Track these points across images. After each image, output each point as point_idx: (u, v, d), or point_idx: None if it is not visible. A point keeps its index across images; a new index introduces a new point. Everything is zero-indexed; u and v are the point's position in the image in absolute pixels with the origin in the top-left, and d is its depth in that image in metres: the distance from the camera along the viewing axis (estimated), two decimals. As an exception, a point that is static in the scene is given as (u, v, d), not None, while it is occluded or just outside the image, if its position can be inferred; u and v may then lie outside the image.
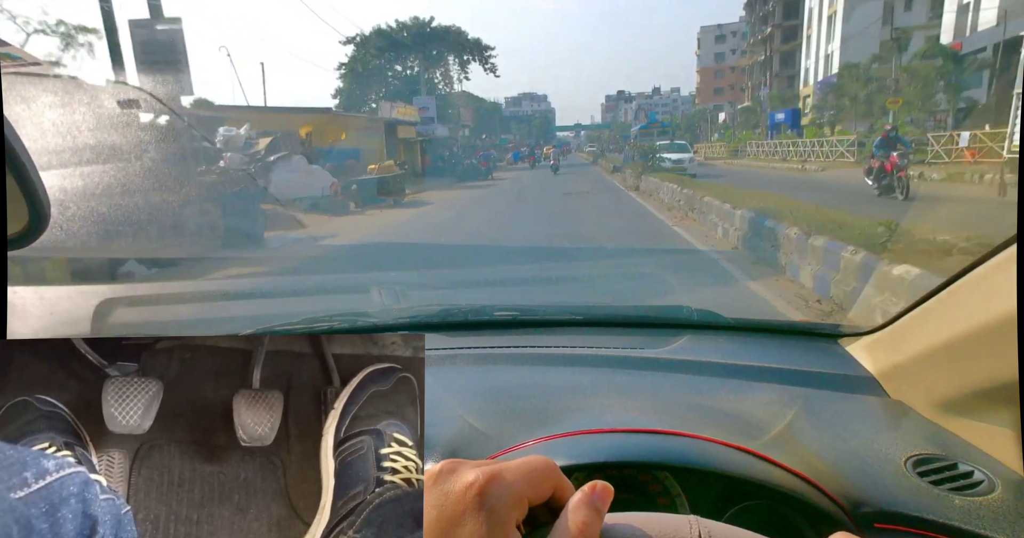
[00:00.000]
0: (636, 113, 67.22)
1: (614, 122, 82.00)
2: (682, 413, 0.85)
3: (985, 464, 0.72)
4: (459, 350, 1.15)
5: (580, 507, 0.37)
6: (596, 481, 0.39)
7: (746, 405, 0.88)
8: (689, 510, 0.70)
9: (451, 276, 5.98)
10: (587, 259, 6.79)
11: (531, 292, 4.65)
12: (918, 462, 0.73)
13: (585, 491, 0.38)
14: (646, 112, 61.71)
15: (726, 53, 69.40)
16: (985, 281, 0.76)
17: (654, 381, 1.02)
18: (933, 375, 0.87)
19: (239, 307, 4.37)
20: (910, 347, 0.93)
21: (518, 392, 0.93)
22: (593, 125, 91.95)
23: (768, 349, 1.21)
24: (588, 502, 0.37)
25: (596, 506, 0.37)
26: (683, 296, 3.66)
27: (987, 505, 0.65)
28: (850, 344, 1.13)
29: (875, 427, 0.85)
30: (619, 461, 0.70)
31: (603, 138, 45.12)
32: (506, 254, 7.49)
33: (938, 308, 0.87)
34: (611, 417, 0.82)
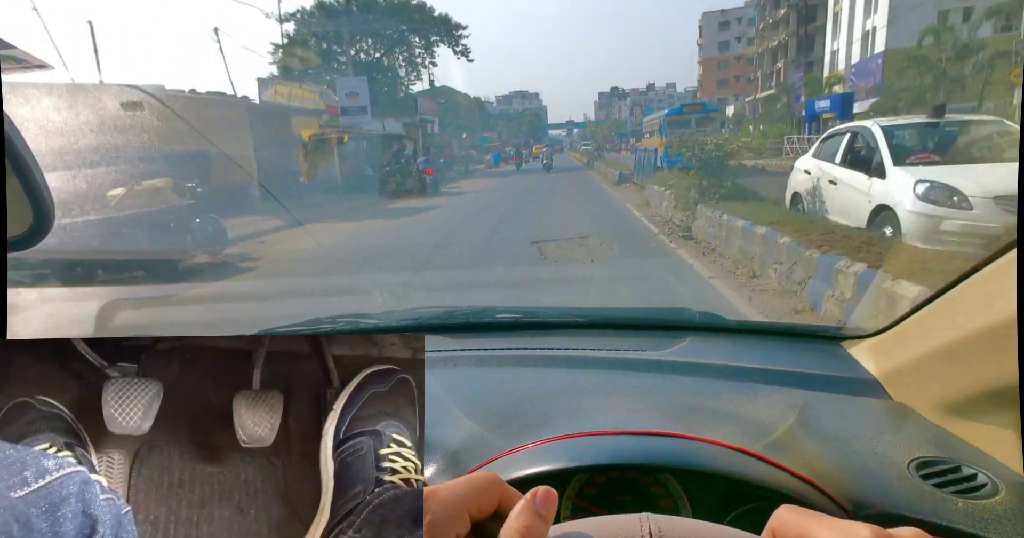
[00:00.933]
0: (631, 109, 63.94)
1: (607, 119, 78.93)
2: (684, 415, 0.85)
3: (988, 467, 0.72)
4: (461, 352, 1.15)
5: (521, 512, 0.38)
6: (539, 487, 0.39)
7: (748, 407, 0.88)
8: (691, 512, 0.70)
9: (453, 277, 5.98)
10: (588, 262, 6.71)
11: (532, 294, 4.65)
12: (921, 465, 0.72)
13: (527, 498, 0.39)
14: (642, 108, 58.40)
15: (731, 42, 65.38)
16: (987, 284, 0.76)
17: (656, 383, 1.02)
18: (936, 377, 0.86)
19: (239, 309, 4.38)
20: (913, 349, 0.92)
21: (519, 394, 0.93)
22: (587, 122, 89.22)
23: (771, 351, 1.21)
24: (529, 507, 0.38)
25: (538, 511, 0.38)
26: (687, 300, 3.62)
27: (990, 508, 0.65)
28: (853, 346, 1.13)
29: (878, 429, 0.85)
30: (621, 463, 0.70)
31: (599, 135, 41.69)
32: (507, 256, 7.47)
33: (940, 311, 0.87)
34: (613, 419, 0.82)
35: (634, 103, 69.72)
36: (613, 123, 67.22)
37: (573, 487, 0.73)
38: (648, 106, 65.30)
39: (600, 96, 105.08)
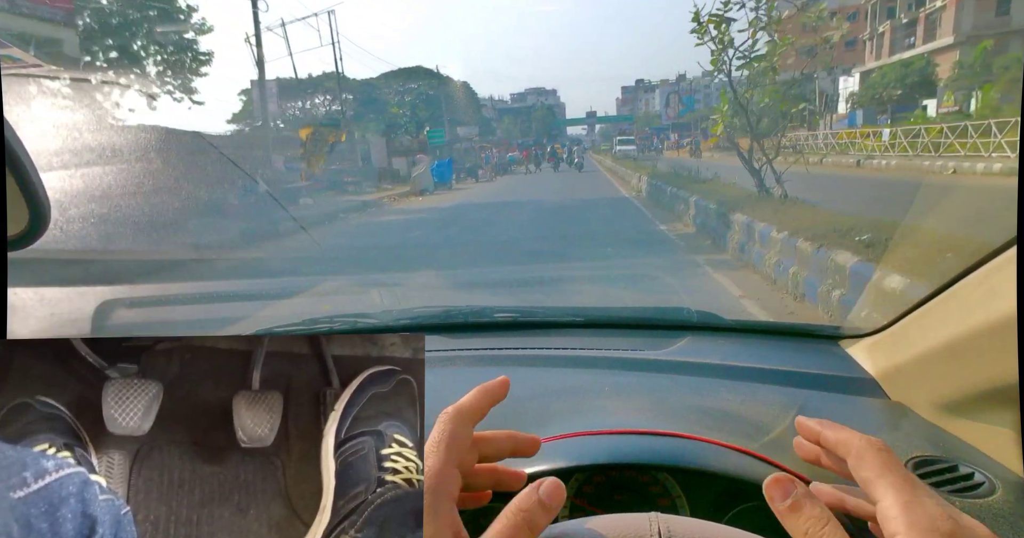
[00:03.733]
0: (668, 99, 46.36)
1: (636, 114, 65.58)
2: (682, 414, 0.85)
3: (986, 466, 0.72)
4: (459, 351, 1.15)
5: (526, 498, 0.40)
6: (548, 478, 0.41)
7: (746, 407, 0.88)
8: (689, 512, 0.70)
9: (452, 277, 5.98)
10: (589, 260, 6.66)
11: (531, 293, 4.64)
12: (918, 464, 0.72)
13: (534, 485, 0.41)
14: (680, 97, 45.32)
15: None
16: (985, 282, 0.76)
17: (654, 382, 1.02)
18: (934, 377, 0.87)
19: (239, 308, 4.38)
20: (910, 349, 0.93)
21: (518, 393, 0.93)
22: (615, 116, 71.82)
23: (769, 351, 1.21)
24: (533, 495, 0.40)
25: (541, 499, 0.39)
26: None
27: (988, 507, 0.65)
28: (850, 346, 1.13)
29: (875, 429, 0.85)
30: (619, 462, 0.70)
31: (652, 127, 32.48)
32: (507, 255, 7.45)
33: (938, 309, 0.87)
34: (611, 418, 0.82)
35: (672, 92, 53.55)
36: (643, 118, 56.72)
37: (572, 486, 0.73)
38: (689, 94, 50.53)
39: (623, 91, 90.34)
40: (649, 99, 77.09)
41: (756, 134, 8.39)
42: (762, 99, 8.47)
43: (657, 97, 70.92)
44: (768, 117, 8.66)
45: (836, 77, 30.57)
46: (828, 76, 25.81)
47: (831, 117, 29.73)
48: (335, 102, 28.96)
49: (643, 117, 56.92)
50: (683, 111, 38.47)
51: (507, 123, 57.52)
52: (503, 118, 58.49)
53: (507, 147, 39.56)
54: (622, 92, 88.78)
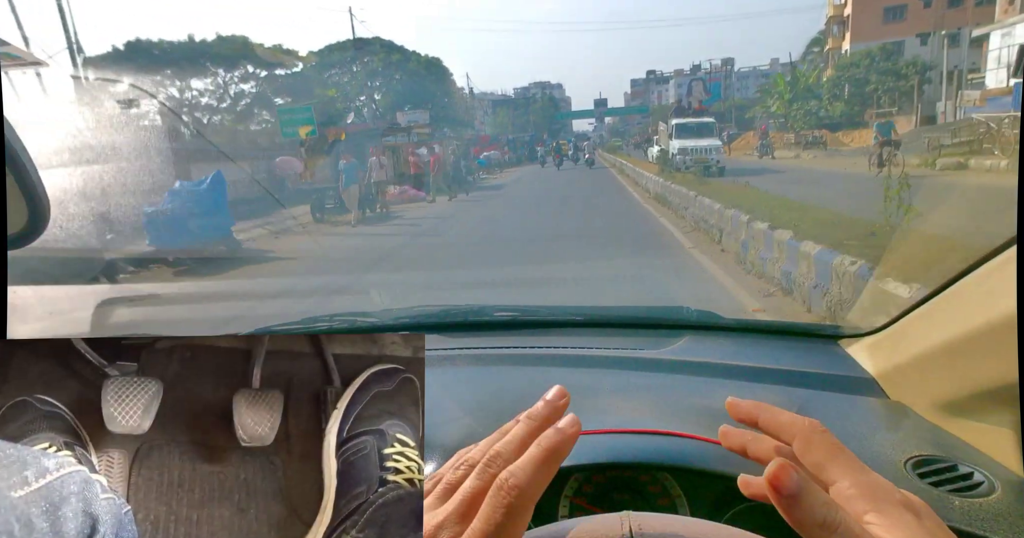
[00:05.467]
0: (690, 87, 36.23)
1: (651, 106, 58.17)
2: (682, 414, 0.85)
3: (985, 465, 0.72)
4: (459, 350, 1.15)
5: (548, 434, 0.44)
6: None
7: None
8: (689, 511, 0.70)
9: (451, 277, 5.97)
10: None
11: (531, 293, 4.64)
12: (918, 463, 0.73)
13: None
14: (705, 85, 36.12)
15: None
16: (985, 282, 0.76)
17: (654, 382, 1.02)
18: (933, 376, 0.87)
19: (239, 307, 4.38)
20: (910, 348, 0.93)
21: (518, 393, 0.93)
22: (627, 108, 65.10)
23: (768, 350, 1.21)
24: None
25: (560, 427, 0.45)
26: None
27: (987, 507, 0.65)
28: (850, 345, 1.13)
29: (875, 428, 0.85)
30: (619, 462, 0.70)
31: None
32: (507, 255, 7.45)
33: (938, 309, 0.87)
34: (611, 418, 0.82)
35: (692, 81, 44.64)
36: (658, 110, 48.12)
37: (571, 486, 0.73)
38: (716, 81, 41.95)
39: (632, 84, 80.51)
40: (662, 90, 70.51)
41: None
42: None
43: (671, 88, 65.47)
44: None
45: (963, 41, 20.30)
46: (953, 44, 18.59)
47: (960, 96, 19.33)
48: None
49: (659, 109, 49.40)
50: (708, 100, 32.34)
51: (501, 116, 50.73)
52: (496, 110, 52.13)
53: (486, 144, 31.78)
54: (631, 85, 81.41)
